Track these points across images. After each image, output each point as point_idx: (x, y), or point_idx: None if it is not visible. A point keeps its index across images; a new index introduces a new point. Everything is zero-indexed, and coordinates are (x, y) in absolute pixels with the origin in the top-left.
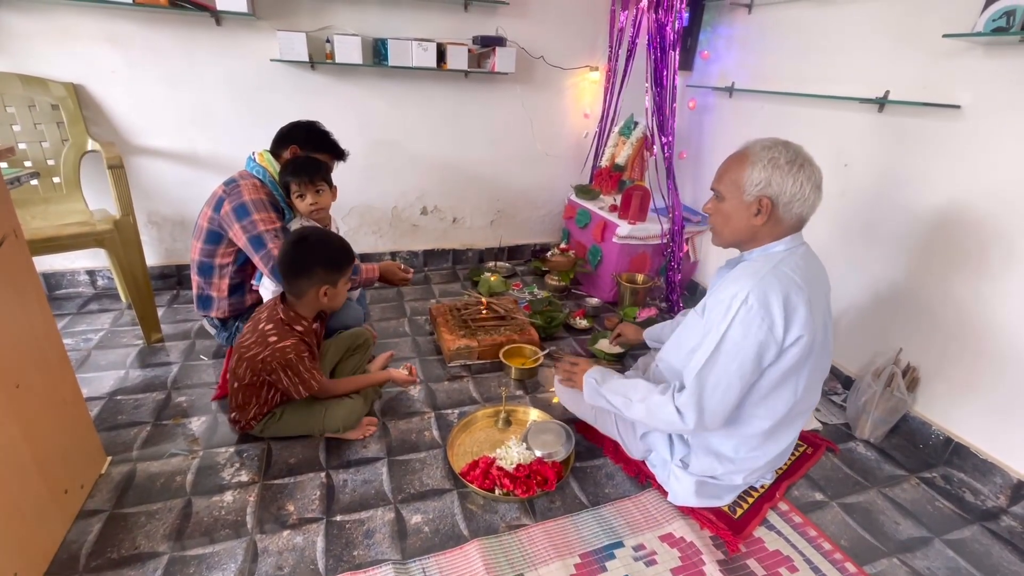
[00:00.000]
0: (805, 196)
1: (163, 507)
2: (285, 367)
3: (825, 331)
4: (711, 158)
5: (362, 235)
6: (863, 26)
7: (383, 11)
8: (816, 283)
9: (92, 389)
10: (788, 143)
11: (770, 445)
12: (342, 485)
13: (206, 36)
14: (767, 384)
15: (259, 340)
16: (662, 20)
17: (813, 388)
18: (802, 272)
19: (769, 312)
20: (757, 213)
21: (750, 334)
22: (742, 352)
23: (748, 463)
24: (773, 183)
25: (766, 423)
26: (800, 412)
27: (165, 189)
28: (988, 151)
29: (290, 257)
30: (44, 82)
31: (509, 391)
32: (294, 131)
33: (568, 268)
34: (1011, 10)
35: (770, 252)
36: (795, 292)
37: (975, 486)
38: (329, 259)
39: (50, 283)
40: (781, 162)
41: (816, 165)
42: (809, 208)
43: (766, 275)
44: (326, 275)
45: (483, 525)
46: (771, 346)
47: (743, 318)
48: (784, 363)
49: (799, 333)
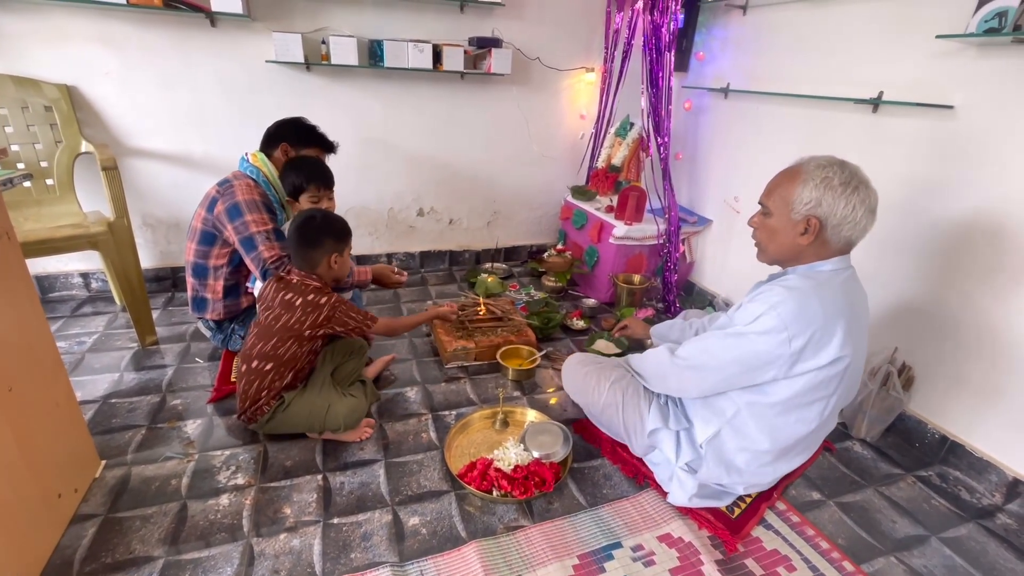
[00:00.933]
0: (856, 220)
1: (158, 511)
2: (343, 311)
3: (860, 360)
4: (707, 159)
5: (358, 237)
6: (857, 27)
7: (379, 12)
8: (856, 309)
9: (86, 392)
10: (845, 163)
11: (781, 464)
12: (339, 487)
13: (201, 37)
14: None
15: (308, 308)
16: (657, 21)
17: (836, 414)
18: (846, 296)
19: (794, 325)
20: (804, 232)
21: (765, 336)
22: (749, 346)
23: (757, 477)
24: (824, 203)
25: (787, 440)
26: (817, 438)
27: (160, 191)
28: (981, 151)
29: (302, 232)
30: (37, 83)
31: (506, 392)
32: (282, 128)
33: (565, 269)
34: (1003, 11)
35: (816, 270)
36: (834, 316)
37: (971, 484)
38: (335, 231)
39: (43, 286)
40: (835, 183)
41: (873, 188)
42: (860, 232)
43: (809, 294)
44: (334, 244)
45: (481, 527)
46: (782, 358)
47: (767, 321)
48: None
49: (836, 355)
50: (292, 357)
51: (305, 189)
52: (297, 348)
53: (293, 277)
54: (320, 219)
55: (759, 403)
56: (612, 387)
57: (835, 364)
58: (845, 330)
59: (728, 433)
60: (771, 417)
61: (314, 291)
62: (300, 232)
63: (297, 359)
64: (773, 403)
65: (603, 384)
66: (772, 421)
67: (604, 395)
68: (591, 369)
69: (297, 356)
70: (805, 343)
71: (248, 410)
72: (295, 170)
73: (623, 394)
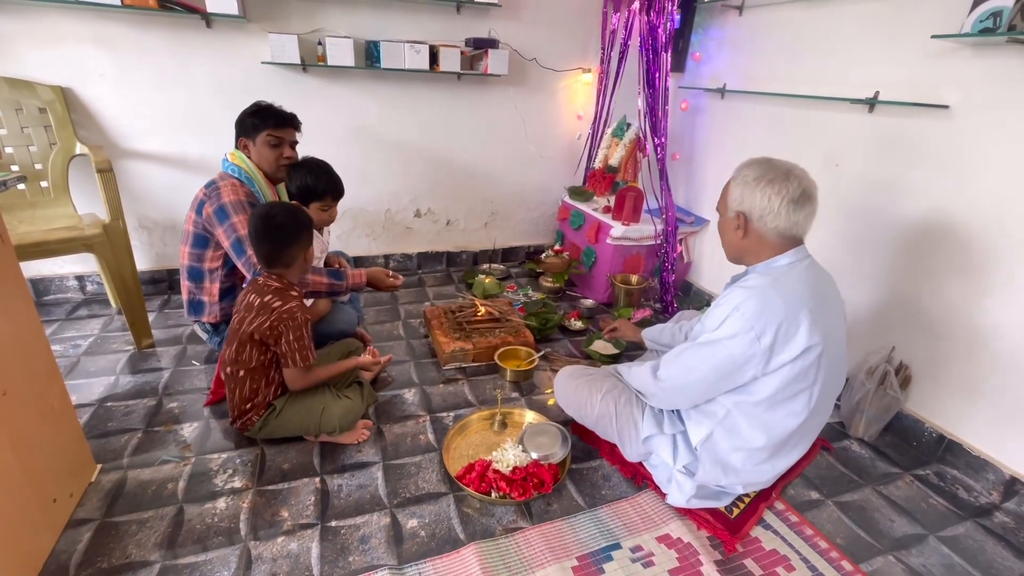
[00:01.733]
0: (776, 210)
1: (154, 515)
2: (292, 328)
3: (838, 342)
4: (704, 159)
5: (355, 238)
6: (852, 27)
7: (375, 13)
8: (821, 296)
9: (81, 396)
10: (768, 161)
11: (779, 460)
12: (337, 490)
13: (196, 38)
14: (772, 392)
15: (261, 310)
16: (654, 22)
17: (826, 403)
18: (805, 285)
19: (759, 323)
20: (737, 228)
21: (734, 339)
22: (723, 351)
23: (754, 476)
24: (745, 199)
25: (780, 434)
26: (810, 429)
27: (155, 193)
28: (976, 150)
29: (272, 233)
30: (31, 85)
31: (504, 393)
32: (236, 126)
33: (562, 270)
34: (998, 11)
35: (773, 266)
36: (796, 306)
37: (968, 483)
38: (305, 220)
39: (38, 289)
40: (750, 179)
41: (795, 180)
42: (785, 221)
43: (768, 290)
44: (308, 236)
45: (480, 529)
46: (755, 357)
47: (732, 323)
48: (787, 373)
49: (806, 344)
50: (260, 365)
51: (321, 198)
52: (259, 355)
53: (261, 278)
54: (284, 213)
55: (746, 403)
56: (604, 399)
57: (807, 354)
58: (810, 319)
59: (721, 434)
60: (760, 414)
61: (273, 292)
62: (272, 231)
63: (266, 368)
64: (759, 401)
65: (595, 396)
66: (762, 418)
67: (597, 407)
68: (582, 382)
69: (265, 365)
70: (773, 337)
71: (238, 419)
72: (312, 175)
73: (615, 404)
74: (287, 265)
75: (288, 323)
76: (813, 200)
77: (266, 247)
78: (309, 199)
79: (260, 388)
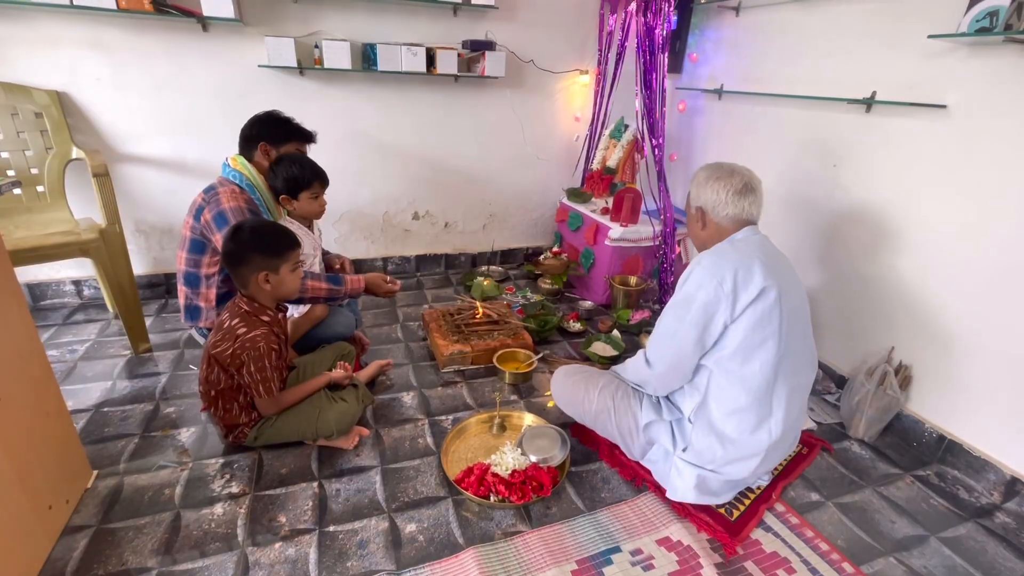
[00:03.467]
0: (725, 201)
1: (151, 521)
2: (254, 359)
3: (797, 296)
4: (702, 160)
5: (353, 241)
6: (849, 28)
7: (372, 16)
8: (773, 256)
9: (78, 401)
10: (720, 164)
11: (771, 423)
12: (335, 495)
13: (193, 42)
14: (742, 338)
15: (227, 335)
16: (650, 23)
17: (796, 357)
18: (757, 247)
19: (718, 270)
20: (697, 221)
21: (701, 288)
22: (694, 304)
23: (750, 447)
24: (700, 196)
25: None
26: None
27: (152, 197)
28: (975, 150)
29: (227, 247)
30: (27, 90)
31: (503, 396)
32: (258, 127)
33: (561, 271)
34: (994, 10)
35: (729, 240)
36: (748, 256)
37: (969, 483)
38: (263, 246)
39: (35, 294)
40: (701, 179)
41: (737, 175)
42: (734, 208)
43: (722, 248)
44: (263, 261)
45: (479, 533)
46: (722, 301)
47: (696, 276)
48: (750, 317)
49: (762, 285)
50: (228, 389)
51: (309, 186)
52: (227, 379)
53: (236, 298)
54: (247, 231)
55: (722, 359)
56: (601, 393)
57: (764, 295)
58: (763, 267)
59: (711, 400)
60: (737, 369)
61: (240, 316)
62: (226, 247)
63: (235, 392)
64: (732, 353)
65: (592, 392)
66: (740, 373)
67: (594, 403)
68: (578, 379)
69: (232, 389)
70: (733, 281)
71: (229, 434)
72: (294, 165)
73: (613, 398)
74: (245, 287)
75: (250, 353)
76: (755, 191)
77: (223, 259)
78: (297, 191)
79: (233, 409)
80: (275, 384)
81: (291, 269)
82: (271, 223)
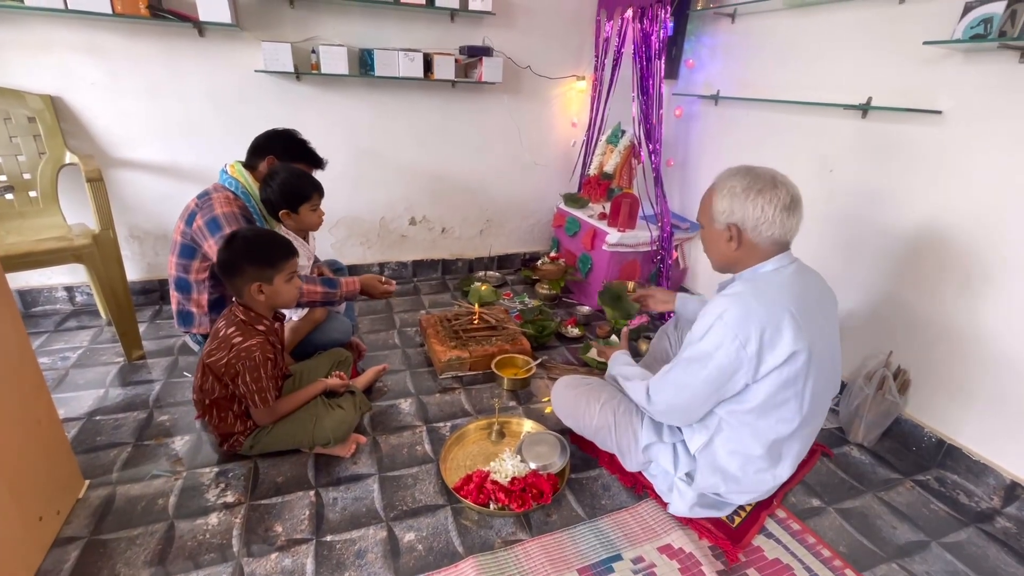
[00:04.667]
0: (770, 219)
1: (144, 532)
2: (249, 368)
3: (829, 345)
4: (698, 165)
5: (350, 246)
6: (844, 34)
7: (369, 22)
8: (809, 298)
9: (70, 409)
10: (751, 169)
11: (778, 469)
12: (332, 503)
13: (189, 47)
14: (764, 399)
15: (222, 344)
16: (647, 30)
17: (820, 405)
18: (790, 290)
19: (742, 329)
20: (730, 239)
21: (721, 348)
22: (712, 362)
23: (755, 485)
24: (736, 211)
25: (771, 441)
26: (805, 435)
27: (147, 202)
28: (970, 155)
29: (221, 257)
30: (20, 94)
31: (502, 402)
32: (271, 141)
33: (558, 276)
34: (988, 17)
35: (758, 273)
36: (778, 312)
37: (969, 488)
38: (257, 256)
39: (26, 300)
40: (738, 190)
41: (782, 187)
42: (780, 229)
43: (748, 297)
44: (256, 272)
45: (478, 541)
46: (743, 365)
47: (716, 333)
48: (775, 380)
49: (791, 349)
50: (223, 398)
51: (308, 198)
52: (221, 388)
53: (233, 306)
54: (240, 241)
55: (738, 411)
56: (602, 409)
57: (793, 359)
58: (794, 324)
59: (719, 440)
60: (752, 422)
61: (236, 325)
62: (220, 256)
63: (229, 402)
64: (750, 409)
65: (593, 407)
66: (755, 426)
67: (595, 418)
68: (580, 392)
69: (227, 398)
70: (758, 344)
71: (224, 442)
72: (293, 176)
73: (614, 415)
74: (240, 296)
75: (245, 363)
76: (801, 204)
77: (218, 269)
78: (298, 204)
79: (228, 418)
80: (271, 394)
81: (286, 279)
82: (266, 232)
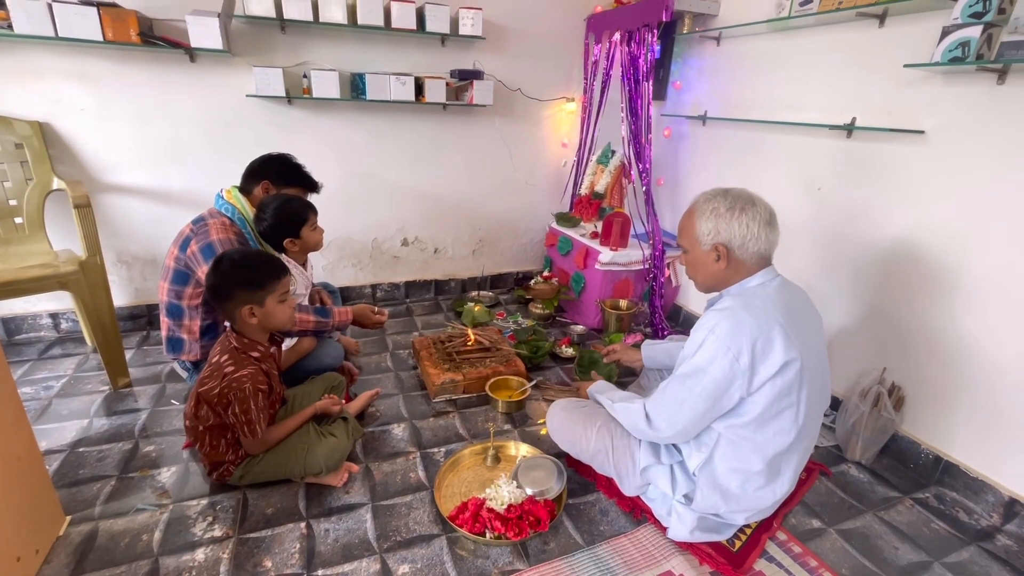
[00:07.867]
0: (756, 235)
1: (127, 570)
2: (239, 400)
3: (818, 357)
4: (688, 184)
5: (342, 268)
6: (827, 56)
7: (360, 47)
8: (795, 311)
9: (52, 441)
10: (728, 191)
11: (777, 484)
12: (323, 535)
13: (180, 73)
14: (760, 411)
15: (215, 373)
16: (634, 52)
17: (814, 417)
18: (777, 302)
19: (734, 342)
20: (717, 259)
21: (714, 362)
22: (707, 376)
23: (755, 502)
24: (721, 231)
25: (770, 454)
26: (802, 448)
27: (136, 227)
28: (952, 173)
29: (210, 281)
30: (8, 120)
31: (497, 426)
32: (266, 166)
33: (552, 296)
34: (966, 41)
35: (745, 287)
36: (767, 324)
37: (968, 505)
38: (246, 278)
39: (9, 328)
40: (721, 211)
41: (760, 204)
42: (765, 243)
43: (738, 310)
44: (247, 294)
45: (474, 572)
46: (738, 377)
47: (709, 348)
48: (770, 391)
49: (783, 359)
50: (216, 426)
51: (307, 220)
52: (214, 416)
53: (227, 333)
54: (227, 263)
55: (735, 425)
56: (599, 432)
57: (786, 370)
58: (784, 335)
59: (718, 457)
60: (751, 435)
61: (230, 353)
62: (208, 281)
63: (222, 430)
64: (748, 422)
65: (590, 431)
66: (753, 439)
67: (592, 442)
68: (576, 415)
69: (219, 427)
70: (751, 356)
71: (213, 471)
72: (292, 201)
73: (611, 438)
74: (233, 322)
75: (236, 394)
76: (776, 219)
77: (207, 294)
78: (299, 227)
79: (220, 446)
80: (260, 425)
81: (279, 300)
82: (254, 252)
